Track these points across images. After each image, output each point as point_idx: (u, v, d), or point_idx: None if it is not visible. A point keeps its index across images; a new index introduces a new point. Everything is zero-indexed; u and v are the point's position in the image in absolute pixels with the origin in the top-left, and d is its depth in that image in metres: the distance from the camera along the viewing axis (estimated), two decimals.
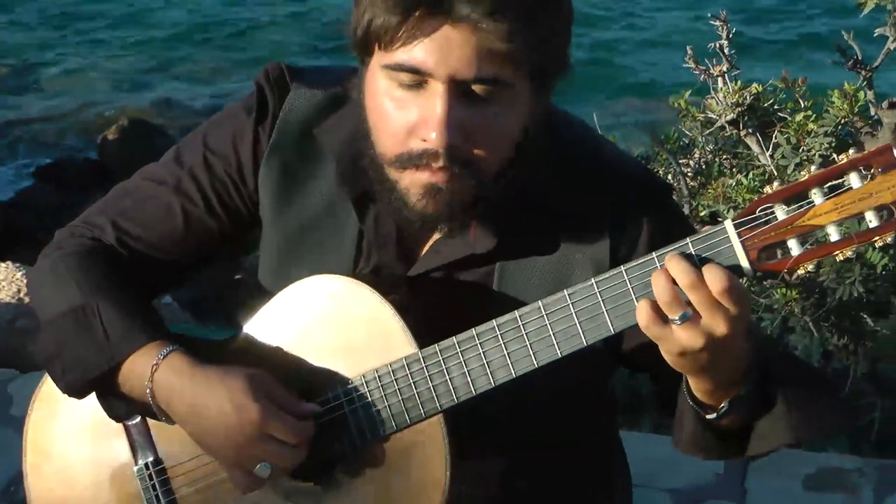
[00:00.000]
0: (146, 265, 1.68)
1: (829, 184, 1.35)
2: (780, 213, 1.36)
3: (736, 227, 1.37)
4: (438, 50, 1.38)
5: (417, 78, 1.41)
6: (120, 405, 1.60)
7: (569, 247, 1.57)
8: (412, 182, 1.46)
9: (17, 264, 4.69)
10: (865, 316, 3.43)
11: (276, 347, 1.59)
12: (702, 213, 3.96)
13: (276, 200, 1.65)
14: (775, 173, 3.77)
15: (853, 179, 1.34)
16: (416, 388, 1.51)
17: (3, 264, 4.72)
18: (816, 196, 1.35)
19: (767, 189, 1.38)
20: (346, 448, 1.56)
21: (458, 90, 1.40)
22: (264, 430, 1.50)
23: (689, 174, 4.27)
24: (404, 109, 1.44)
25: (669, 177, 4.33)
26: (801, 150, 3.74)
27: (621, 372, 1.81)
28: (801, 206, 1.36)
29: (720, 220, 3.91)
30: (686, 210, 4.03)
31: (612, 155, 1.65)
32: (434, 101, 1.41)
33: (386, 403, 1.53)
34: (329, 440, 1.55)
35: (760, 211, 1.37)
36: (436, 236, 1.60)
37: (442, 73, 1.39)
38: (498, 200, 1.50)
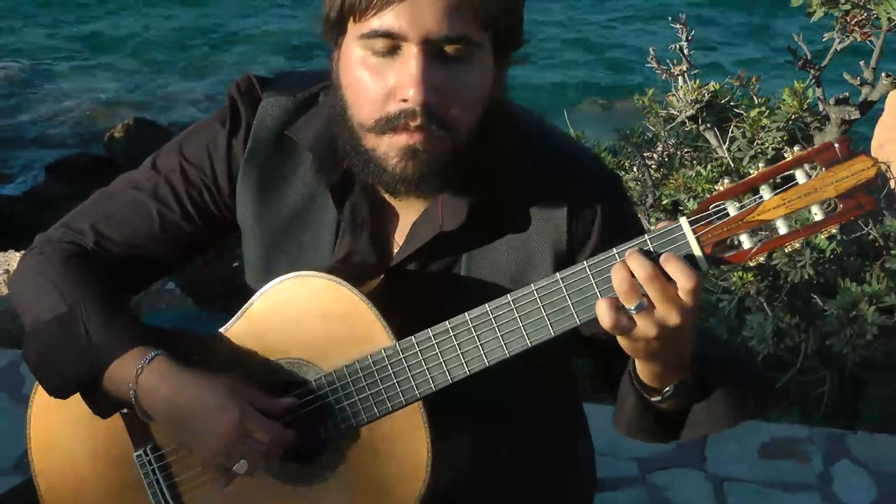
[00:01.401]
0: (125, 266, 1.67)
1: (777, 178, 1.34)
2: (732, 209, 1.36)
3: (691, 223, 1.36)
4: (410, 13, 1.38)
5: (391, 43, 1.40)
6: (103, 403, 1.59)
7: (530, 231, 1.56)
8: (390, 146, 1.44)
9: None
10: (815, 297, 3.44)
11: (257, 344, 1.57)
12: (664, 202, 3.98)
13: (256, 206, 1.64)
14: (732, 165, 3.78)
15: (799, 175, 1.33)
16: (395, 378, 1.50)
17: (17, 253, 4.70)
18: (765, 191, 1.34)
19: (719, 186, 1.37)
20: (330, 437, 1.55)
21: (431, 51, 1.40)
22: (244, 428, 1.49)
23: (653, 166, 4.29)
24: (380, 76, 1.42)
25: (635, 168, 4.34)
26: (755, 143, 3.76)
27: None
28: (752, 202, 1.35)
29: (680, 209, 3.90)
30: (650, 199, 4.04)
31: (565, 143, 1.64)
32: (409, 62, 1.40)
33: (367, 393, 1.52)
34: (313, 430, 1.54)
35: (713, 208, 1.36)
36: (409, 221, 1.58)
37: (414, 34, 1.38)
38: (464, 177, 1.48)
